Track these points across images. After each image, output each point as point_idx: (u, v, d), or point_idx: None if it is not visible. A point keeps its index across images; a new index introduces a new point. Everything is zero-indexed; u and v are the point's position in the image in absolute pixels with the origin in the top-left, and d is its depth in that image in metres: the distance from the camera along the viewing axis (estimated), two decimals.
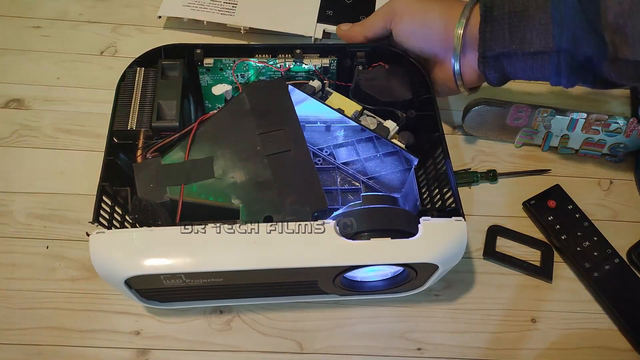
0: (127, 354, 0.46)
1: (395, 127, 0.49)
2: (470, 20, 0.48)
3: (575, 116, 0.56)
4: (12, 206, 0.53)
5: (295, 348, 0.47)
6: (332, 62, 0.53)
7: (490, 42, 0.47)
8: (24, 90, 0.60)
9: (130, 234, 0.39)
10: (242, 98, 0.47)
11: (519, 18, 0.45)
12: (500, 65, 0.48)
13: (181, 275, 0.39)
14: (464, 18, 0.48)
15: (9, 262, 0.50)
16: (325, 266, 0.40)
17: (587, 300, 0.51)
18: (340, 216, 0.41)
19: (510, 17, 0.46)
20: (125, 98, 0.47)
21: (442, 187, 0.46)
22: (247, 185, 0.43)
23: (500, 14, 0.46)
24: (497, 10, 0.46)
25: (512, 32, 0.46)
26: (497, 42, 0.46)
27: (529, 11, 0.45)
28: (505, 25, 0.46)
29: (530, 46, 0.45)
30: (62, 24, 0.66)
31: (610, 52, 0.43)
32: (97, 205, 0.40)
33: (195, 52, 0.51)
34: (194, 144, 0.45)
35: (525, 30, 0.45)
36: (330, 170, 0.52)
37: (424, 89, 0.52)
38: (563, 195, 0.56)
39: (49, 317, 0.47)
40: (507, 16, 0.46)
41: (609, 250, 0.52)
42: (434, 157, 0.48)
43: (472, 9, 0.48)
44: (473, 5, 0.48)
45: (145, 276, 0.38)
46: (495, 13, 0.46)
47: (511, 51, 0.46)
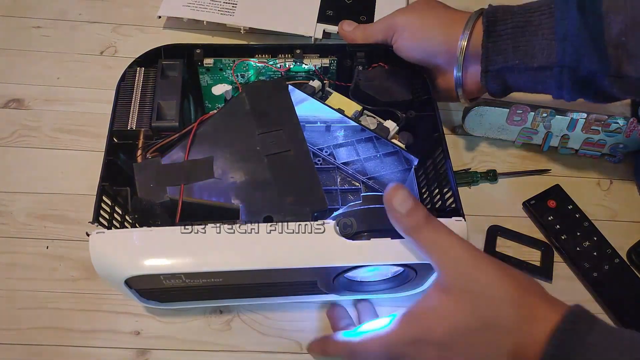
0: (127, 354, 0.46)
1: (395, 128, 0.49)
2: (473, 33, 0.48)
3: (575, 116, 0.56)
4: (12, 206, 0.53)
5: (295, 348, 0.47)
6: (332, 62, 0.53)
7: (493, 57, 0.47)
8: (24, 90, 0.60)
9: (130, 234, 0.39)
10: (242, 98, 0.47)
11: (522, 33, 0.45)
12: (503, 78, 0.48)
13: (181, 275, 0.39)
14: (467, 30, 0.48)
15: (9, 262, 0.50)
16: (325, 266, 0.40)
17: (587, 300, 0.51)
18: (340, 216, 0.41)
19: (514, 32, 0.46)
20: (125, 98, 0.47)
21: (442, 187, 0.46)
22: (247, 185, 0.43)
23: (503, 29, 0.46)
24: (501, 24, 0.46)
25: (515, 47, 0.46)
26: (500, 56, 0.46)
27: (532, 26, 0.45)
28: (509, 40, 0.46)
29: (533, 61, 0.45)
30: (62, 24, 0.66)
31: (612, 68, 0.43)
32: (97, 205, 0.40)
33: (195, 52, 0.51)
34: (194, 144, 0.45)
35: (528, 45, 0.45)
36: (330, 170, 0.52)
37: (423, 90, 0.52)
38: (563, 195, 0.56)
39: (49, 317, 0.47)
40: (510, 31, 0.46)
41: (608, 250, 0.52)
42: (434, 157, 0.48)
43: (475, 23, 0.48)
44: (476, 18, 0.48)
45: (145, 276, 0.38)
46: (498, 27, 0.46)
47: (514, 65, 0.46)
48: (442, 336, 0.36)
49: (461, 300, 0.36)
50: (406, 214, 0.37)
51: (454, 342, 0.36)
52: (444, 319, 0.36)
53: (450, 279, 0.36)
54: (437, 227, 0.37)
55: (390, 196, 0.37)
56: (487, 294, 0.35)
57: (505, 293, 0.35)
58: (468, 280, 0.36)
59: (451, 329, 0.36)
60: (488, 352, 0.35)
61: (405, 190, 0.38)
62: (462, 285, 0.36)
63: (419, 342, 0.36)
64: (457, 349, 0.36)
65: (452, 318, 0.36)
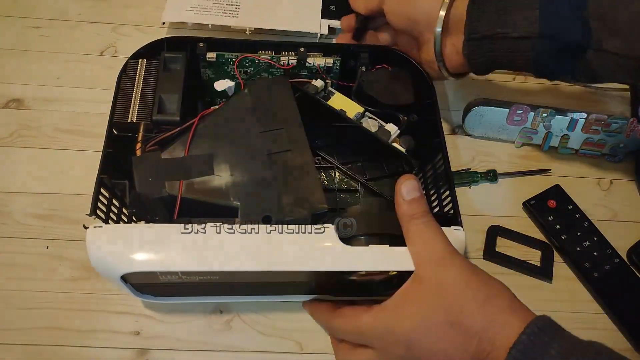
0: (127, 354, 0.46)
1: (396, 131, 0.49)
2: (457, 3, 0.48)
3: (575, 116, 0.56)
4: (12, 206, 0.53)
5: (295, 348, 0.47)
6: (335, 62, 0.53)
7: (475, 24, 0.46)
8: (24, 90, 0.60)
9: (127, 229, 0.39)
10: (244, 95, 0.47)
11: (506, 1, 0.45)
12: (484, 49, 0.47)
13: (177, 272, 0.38)
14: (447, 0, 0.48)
15: (9, 262, 0.50)
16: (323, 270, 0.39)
17: (587, 300, 0.51)
18: (340, 218, 0.41)
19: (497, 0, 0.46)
20: (127, 90, 0.46)
21: (441, 194, 0.46)
22: (247, 183, 0.43)
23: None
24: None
25: (499, 14, 0.45)
26: (483, 24, 0.46)
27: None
28: (493, 7, 0.46)
29: (515, 30, 0.45)
30: (62, 24, 0.66)
31: (594, 41, 0.43)
32: (94, 197, 0.40)
33: (198, 46, 0.50)
34: (194, 139, 0.44)
35: (511, 14, 0.45)
36: (329, 170, 0.52)
37: (427, 93, 0.51)
38: (563, 195, 0.56)
39: (49, 317, 0.47)
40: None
41: (608, 250, 0.52)
42: (434, 163, 0.48)
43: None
44: None
45: (141, 272, 0.38)
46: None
47: (496, 34, 0.46)
48: (410, 331, 0.37)
49: (430, 293, 0.37)
50: (408, 202, 0.39)
51: (421, 336, 0.36)
52: (414, 313, 0.37)
53: (423, 271, 0.38)
54: (429, 223, 0.39)
55: (401, 182, 0.40)
56: (456, 289, 0.36)
57: (473, 292, 0.36)
58: (440, 274, 0.37)
59: (419, 322, 0.37)
60: (453, 351, 0.36)
61: (416, 182, 0.40)
62: (434, 278, 0.37)
63: (388, 334, 0.38)
64: (423, 344, 0.36)
65: (422, 312, 0.37)
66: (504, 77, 0.65)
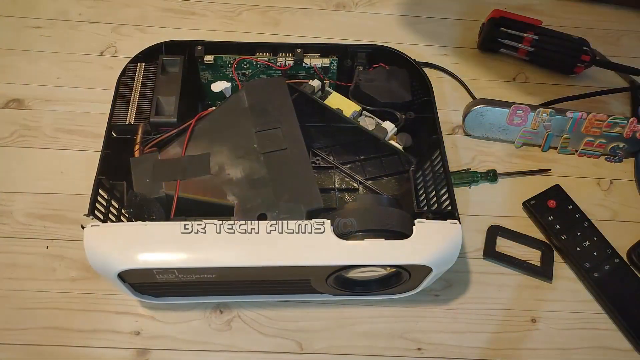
0: (127, 354, 0.46)
1: (393, 129, 0.49)
2: None
3: (575, 116, 0.56)
4: (12, 206, 0.53)
5: (295, 348, 0.47)
6: (332, 62, 0.53)
7: None
8: (24, 90, 0.60)
9: (124, 228, 0.39)
10: (241, 96, 0.47)
11: None
12: None
13: (174, 270, 0.39)
14: None
15: (9, 262, 0.50)
16: (318, 265, 0.39)
17: (587, 300, 0.51)
18: (337, 215, 0.41)
19: None
20: (125, 93, 0.47)
21: (439, 190, 0.46)
22: (243, 182, 0.43)
23: None
24: None
25: None
26: None
27: None
28: None
29: None
30: (62, 24, 0.66)
31: None
32: (92, 198, 0.40)
33: (196, 49, 0.51)
34: (192, 140, 0.45)
35: None
36: (328, 170, 0.52)
37: (424, 91, 0.51)
38: (563, 195, 0.56)
39: (49, 317, 0.47)
40: None
41: (609, 250, 0.52)
42: (432, 160, 0.48)
43: None
44: None
45: (138, 270, 0.38)
46: None
47: None
48: None
49: None
50: None
51: None
52: None
53: None
54: None
55: None
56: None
57: None
58: None
59: None
60: None
61: None
62: None
63: None
64: None
65: None
66: (504, 77, 0.65)
